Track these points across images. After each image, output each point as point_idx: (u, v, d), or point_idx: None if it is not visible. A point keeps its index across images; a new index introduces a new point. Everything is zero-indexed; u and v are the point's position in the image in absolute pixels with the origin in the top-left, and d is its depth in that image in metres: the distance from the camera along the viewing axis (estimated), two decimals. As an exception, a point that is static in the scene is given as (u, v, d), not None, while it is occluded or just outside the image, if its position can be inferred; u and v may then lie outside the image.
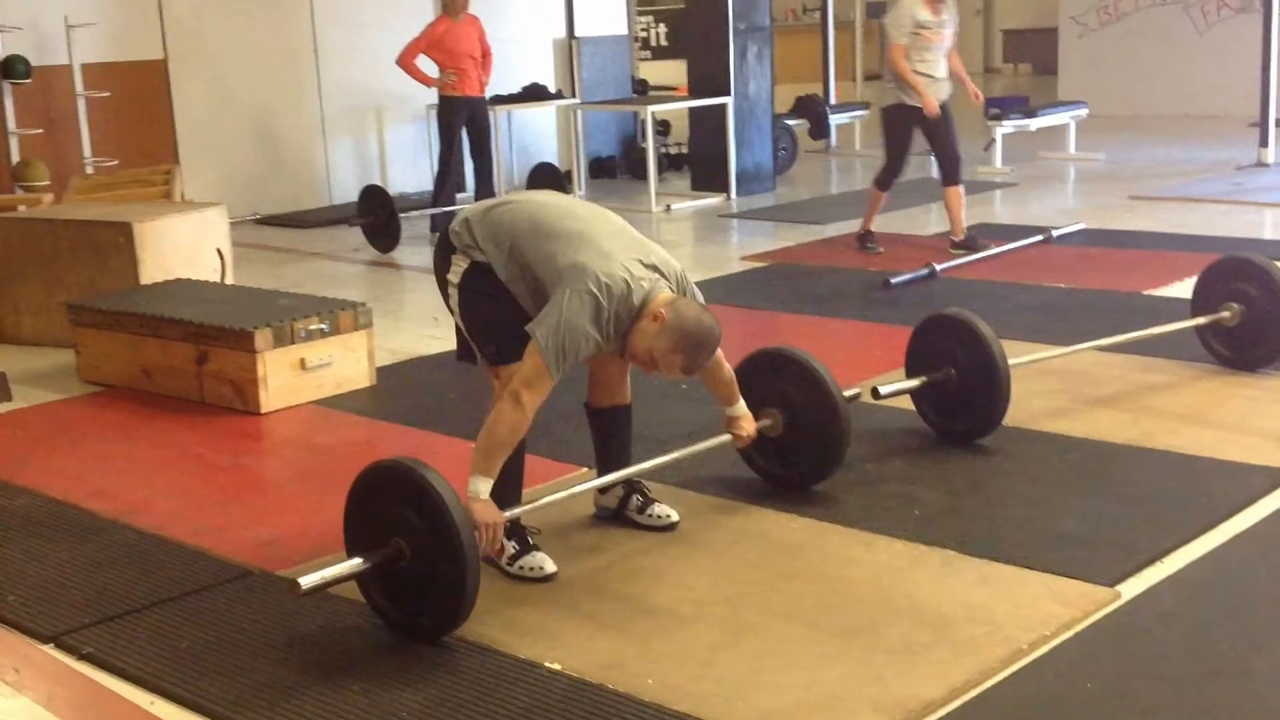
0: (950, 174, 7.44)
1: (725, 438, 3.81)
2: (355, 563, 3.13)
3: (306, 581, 3.04)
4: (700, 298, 3.51)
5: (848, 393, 4.00)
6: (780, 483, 3.98)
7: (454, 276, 3.51)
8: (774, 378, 3.93)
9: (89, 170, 8.67)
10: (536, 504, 3.50)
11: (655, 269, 3.39)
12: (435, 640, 3.14)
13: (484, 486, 3.25)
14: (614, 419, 3.78)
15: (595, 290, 3.25)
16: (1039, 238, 7.70)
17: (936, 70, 7.28)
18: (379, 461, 3.24)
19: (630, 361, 3.45)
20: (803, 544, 3.64)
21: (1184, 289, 5.41)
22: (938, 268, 6.97)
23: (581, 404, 3.84)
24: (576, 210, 3.56)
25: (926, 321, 4.46)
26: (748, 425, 3.76)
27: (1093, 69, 14.66)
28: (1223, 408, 4.60)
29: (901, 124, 7.37)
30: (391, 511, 3.13)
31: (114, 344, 5.47)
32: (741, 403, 3.76)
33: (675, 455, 3.80)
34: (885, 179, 7.57)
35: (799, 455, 3.93)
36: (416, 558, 3.08)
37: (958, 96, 7.52)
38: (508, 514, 3.37)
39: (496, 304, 3.45)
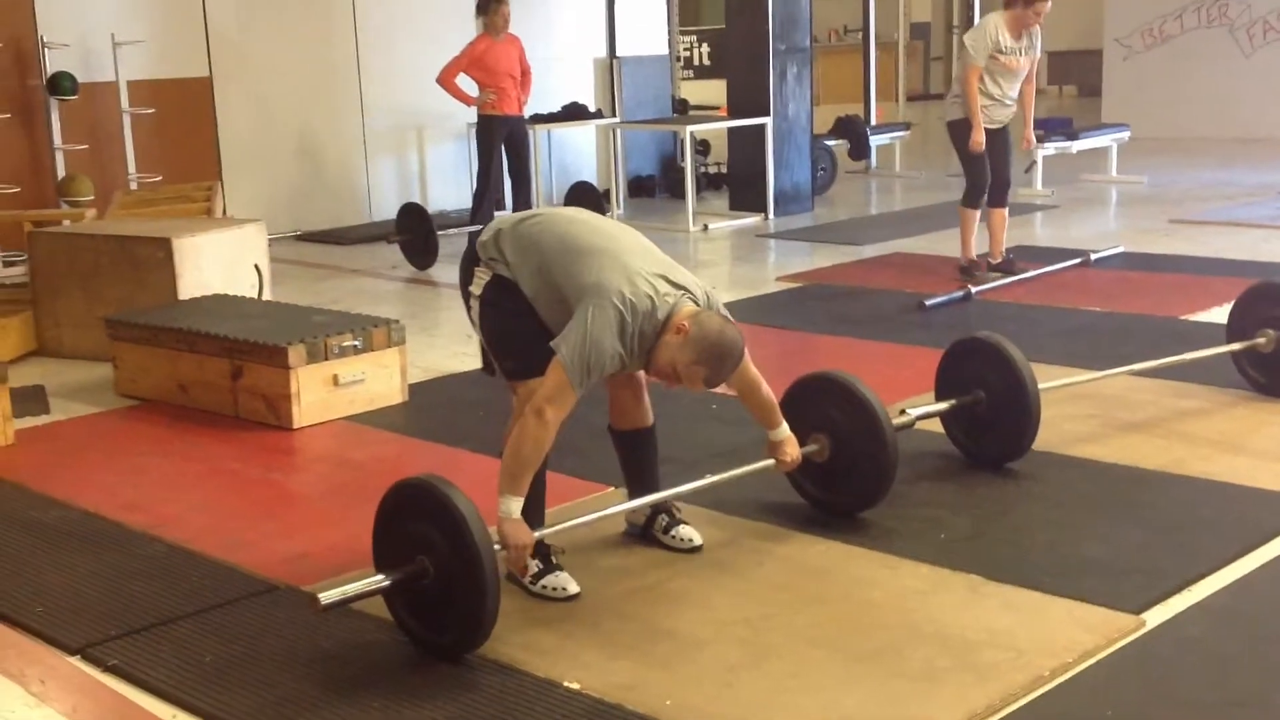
0: (997, 196, 7.38)
1: (769, 462, 3.77)
2: (377, 579, 3.15)
3: (326, 597, 3.06)
4: (727, 315, 3.51)
5: (896, 421, 3.97)
6: (826, 509, 3.94)
7: (476, 289, 3.53)
8: (821, 402, 3.90)
9: (133, 186, 8.78)
10: (565, 525, 3.51)
11: (681, 287, 3.39)
12: (456, 658, 3.15)
13: (515, 505, 3.26)
14: (636, 441, 3.78)
15: (620, 305, 3.25)
16: (1076, 261, 7.65)
17: (1007, 96, 7.18)
18: (406, 479, 3.25)
19: (654, 377, 3.44)
20: (827, 566, 3.63)
21: (1222, 314, 5.36)
22: (973, 290, 6.94)
23: (606, 422, 3.84)
24: (605, 228, 3.56)
25: (957, 344, 4.44)
26: (792, 450, 3.73)
27: (1137, 91, 14.58)
28: (1257, 434, 4.55)
29: (965, 136, 7.23)
30: (417, 529, 3.15)
31: (151, 358, 5.53)
32: (784, 426, 3.72)
33: (713, 479, 3.77)
34: (972, 196, 7.33)
35: (846, 481, 3.89)
36: (439, 576, 3.10)
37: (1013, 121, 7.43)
38: (549, 530, 3.38)
39: (518, 318, 3.45)
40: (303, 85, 10.04)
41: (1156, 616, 3.24)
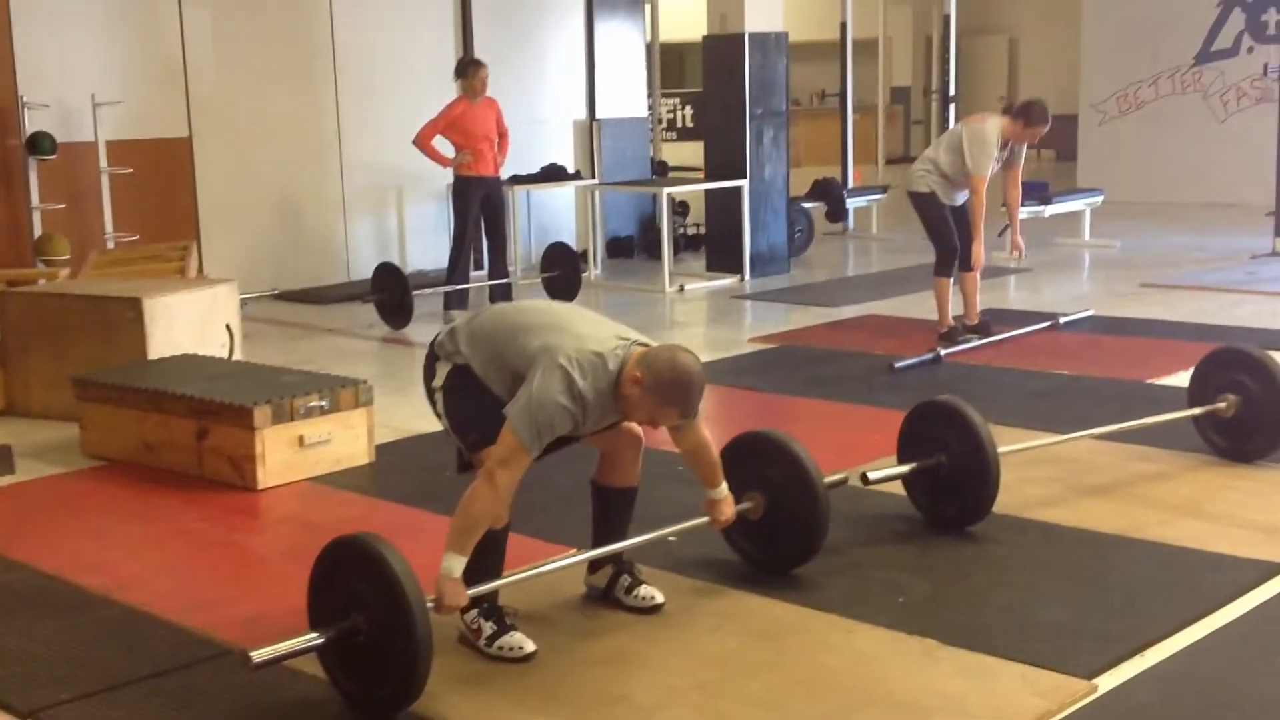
0: (968, 261, 7.43)
1: (703, 520, 3.82)
2: (310, 637, 3.17)
3: (258, 655, 3.07)
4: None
5: (832, 478, 4.01)
6: (760, 566, 3.99)
7: (438, 381, 3.60)
8: (757, 461, 3.95)
9: (109, 245, 8.81)
10: (513, 578, 3.51)
11: (630, 340, 3.46)
12: (390, 717, 3.14)
13: (456, 565, 3.28)
14: (620, 500, 3.81)
15: (565, 364, 3.32)
16: (1046, 324, 7.71)
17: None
18: (340, 537, 3.28)
19: (645, 425, 3.51)
20: (784, 629, 3.63)
21: (1187, 379, 5.40)
22: (942, 353, 6.99)
23: (571, 488, 3.86)
24: (555, 308, 3.69)
25: (919, 407, 4.47)
26: (727, 509, 3.78)
27: (1112, 156, 14.74)
28: (1216, 499, 4.58)
29: (936, 207, 7.32)
30: (351, 586, 3.17)
31: (117, 418, 5.53)
32: (724, 485, 3.77)
33: (651, 535, 3.81)
34: (943, 265, 7.37)
35: (779, 539, 3.94)
36: (372, 634, 3.12)
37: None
38: (486, 588, 3.40)
39: (477, 395, 3.52)
40: (283, 145, 10.11)
41: (1108, 682, 3.25)
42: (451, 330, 3.62)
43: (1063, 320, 7.79)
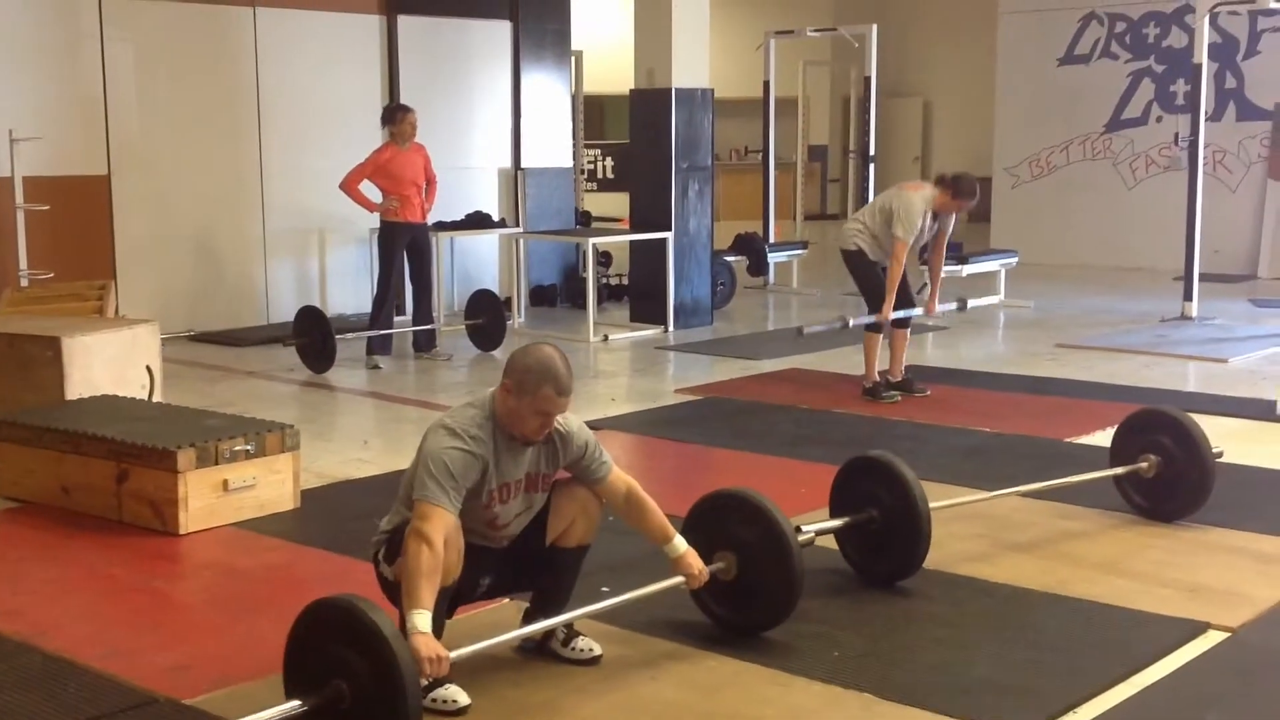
0: (900, 319, 7.56)
1: (677, 580, 3.75)
2: (293, 705, 3.03)
3: None
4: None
5: (804, 537, 3.99)
6: (733, 628, 3.92)
7: (382, 558, 3.63)
8: (726, 520, 3.91)
9: (24, 283, 8.63)
10: (468, 650, 3.41)
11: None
12: None
13: (420, 619, 3.24)
14: (573, 558, 3.78)
15: (442, 424, 3.48)
16: (954, 305, 8.32)
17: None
18: (322, 599, 3.16)
19: (530, 437, 3.51)
20: (720, 683, 3.63)
21: (1105, 438, 5.51)
22: (851, 321, 7.50)
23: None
24: None
25: (851, 462, 4.51)
26: (693, 560, 3.73)
27: (1025, 218, 15.06)
28: (1138, 558, 4.66)
29: (868, 265, 7.44)
30: (332, 651, 3.04)
31: (34, 460, 5.40)
32: (679, 539, 3.75)
33: (623, 598, 3.73)
34: (875, 323, 7.46)
35: (753, 599, 3.88)
36: (357, 700, 3.00)
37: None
38: (465, 650, 3.35)
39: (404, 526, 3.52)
40: (203, 186, 9.99)
41: (1043, 738, 3.28)
42: (379, 528, 3.69)
43: (969, 304, 8.49)
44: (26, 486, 5.44)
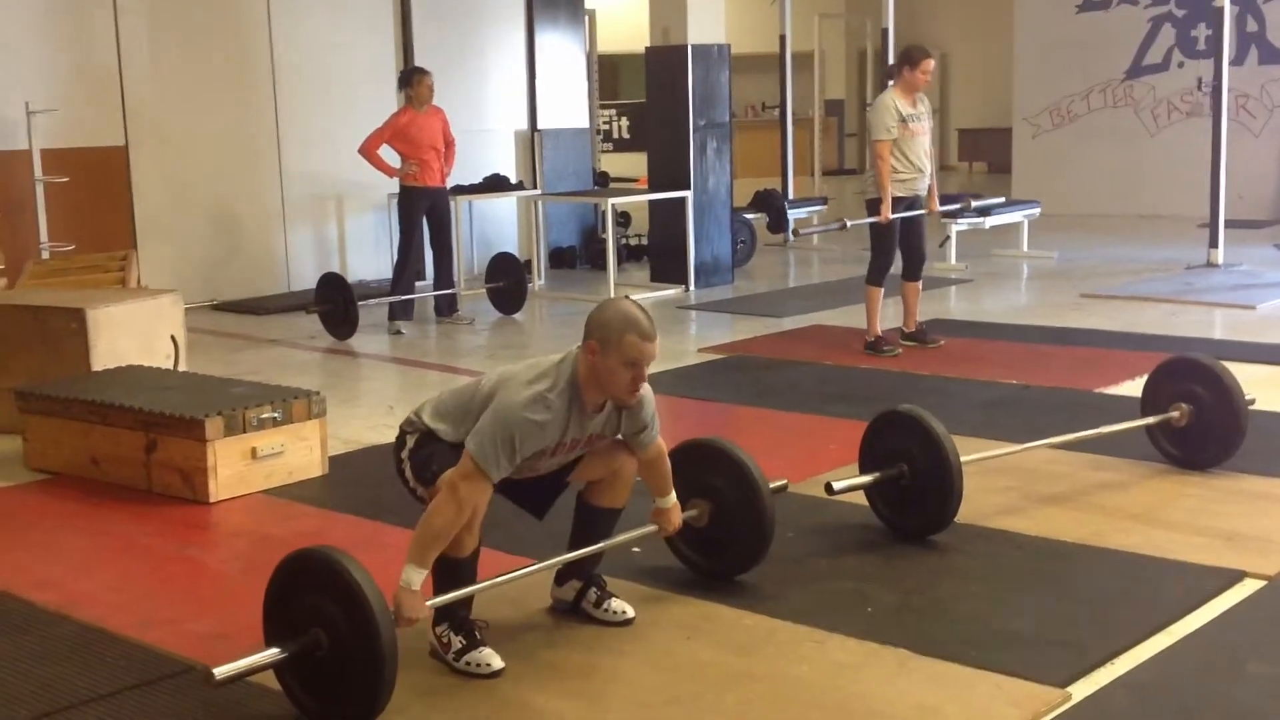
0: (911, 270, 7.50)
1: (651, 528, 3.82)
2: (272, 652, 3.11)
3: (221, 671, 3.01)
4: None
5: (776, 484, 3.99)
6: (705, 573, 4.00)
7: (407, 450, 3.59)
8: (701, 469, 3.95)
9: (45, 255, 8.63)
10: (474, 589, 3.45)
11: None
12: None
13: (416, 577, 3.24)
14: (605, 519, 3.77)
15: (524, 386, 3.36)
16: (957, 205, 8.69)
17: (921, 162, 7.28)
18: (298, 550, 3.22)
19: (624, 399, 3.43)
20: (756, 641, 3.61)
21: (1134, 388, 5.47)
22: (849, 223, 7.60)
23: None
24: (509, 367, 3.63)
25: (880, 417, 4.48)
26: (675, 516, 3.79)
27: (1046, 169, 14.94)
28: (1172, 507, 4.63)
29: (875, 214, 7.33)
30: (310, 601, 3.11)
31: (62, 431, 5.41)
32: (673, 494, 3.78)
33: (601, 545, 3.76)
34: (876, 274, 7.39)
35: (724, 546, 3.95)
36: (334, 648, 3.06)
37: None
38: (444, 598, 3.36)
39: (445, 446, 3.51)
40: (221, 154, 9.97)
41: (1081, 690, 3.26)
42: (417, 410, 3.63)
43: (974, 204, 8.79)
44: (56, 458, 5.46)
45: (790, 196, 13.13)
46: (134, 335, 6.17)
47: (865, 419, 4.58)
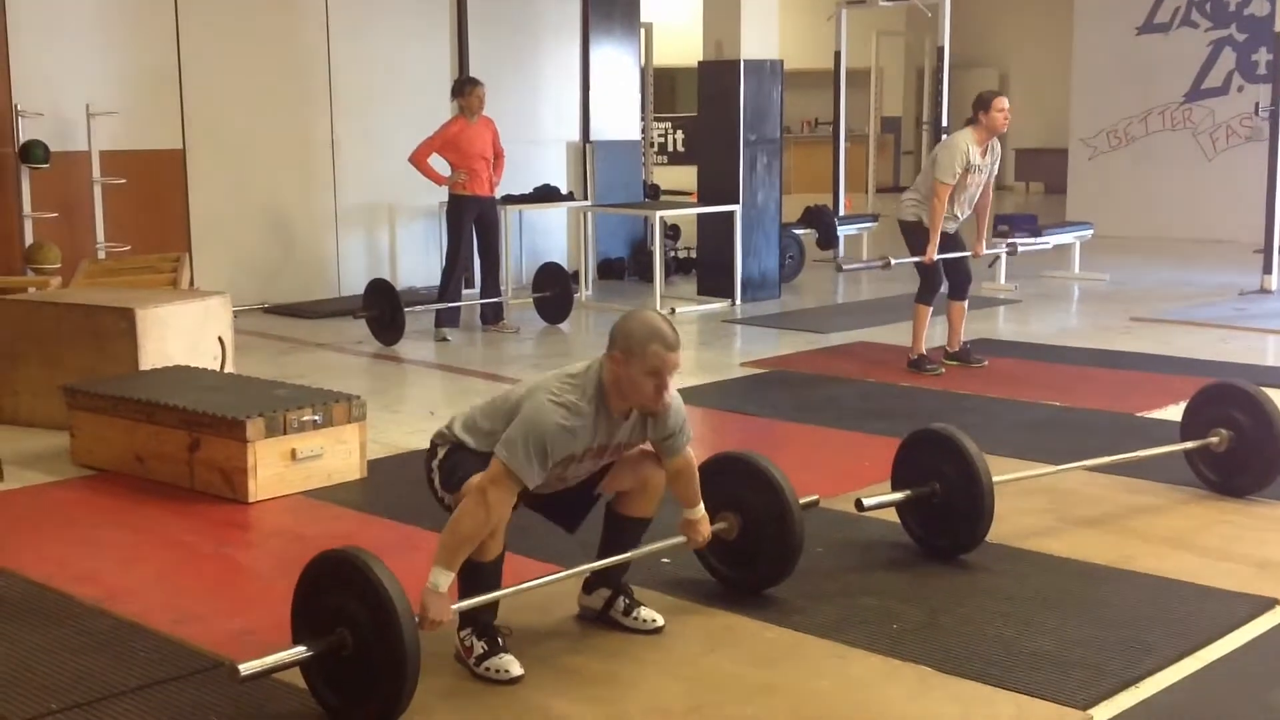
0: (957, 291, 7.48)
1: (680, 539, 3.84)
2: (298, 651, 3.17)
3: (246, 668, 3.07)
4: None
5: (806, 500, 4.01)
6: (732, 585, 4.02)
7: (436, 463, 3.65)
8: (732, 482, 3.97)
9: (100, 255, 8.79)
10: (498, 595, 3.48)
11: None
12: None
13: (443, 580, 3.29)
14: (633, 528, 3.80)
15: (551, 393, 3.40)
16: (1003, 248, 8.74)
17: (963, 211, 7.28)
18: (326, 551, 3.28)
19: (648, 407, 3.45)
20: (779, 654, 3.63)
21: (1177, 412, 5.42)
22: (893, 261, 7.44)
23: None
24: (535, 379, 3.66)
25: (913, 435, 4.48)
26: (704, 528, 3.81)
27: (1102, 190, 14.83)
28: (1207, 533, 4.59)
29: (924, 235, 7.28)
30: (336, 601, 3.17)
31: (109, 428, 5.51)
32: (701, 505, 3.79)
33: (629, 555, 3.78)
34: (925, 293, 7.40)
35: (753, 559, 3.96)
36: (359, 648, 3.12)
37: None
38: (470, 603, 3.40)
39: (474, 456, 3.54)
40: (276, 159, 10.11)
41: (1103, 713, 3.25)
42: (449, 423, 3.68)
43: (1020, 247, 8.81)
44: (101, 455, 5.56)
45: (841, 213, 13.10)
46: (182, 336, 6.27)
47: (902, 436, 4.57)
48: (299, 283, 10.21)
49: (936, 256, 7.21)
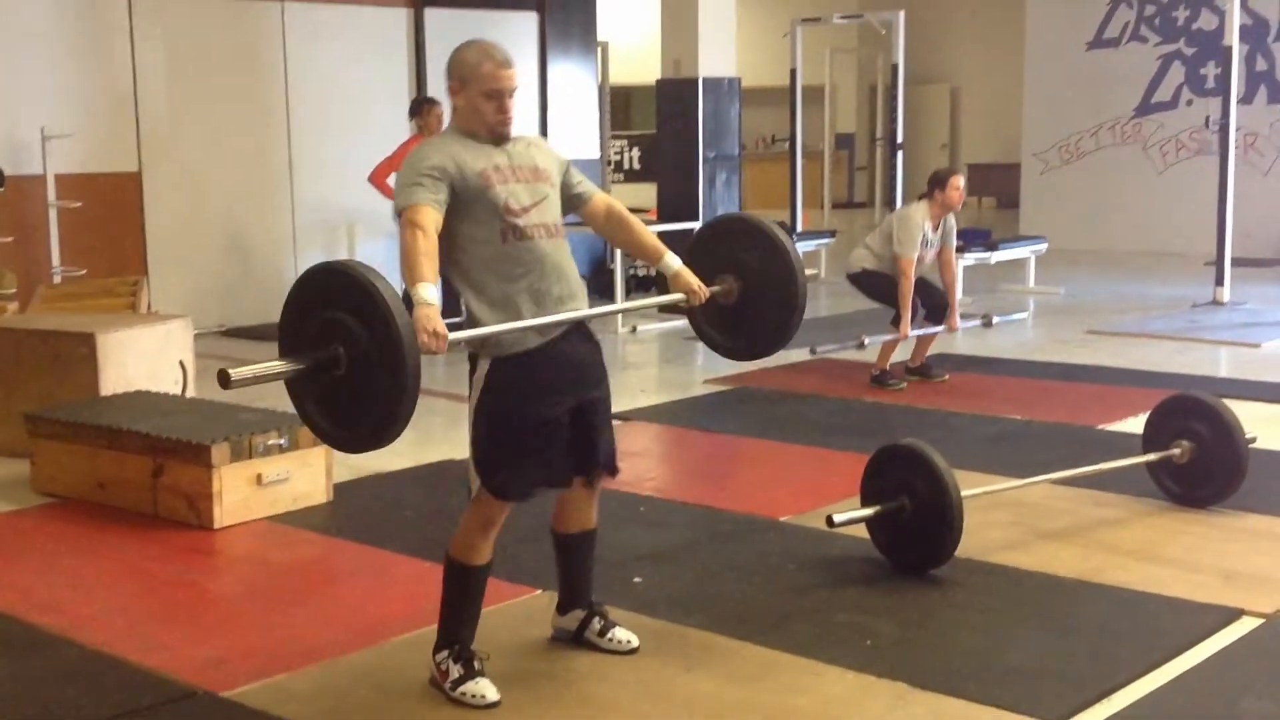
0: (935, 315, 7.55)
1: (678, 296, 3.68)
2: (290, 362, 3.02)
3: (236, 374, 2.94)
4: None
5: (811, 271, 3.92)
6: (729, 354, 3.93)
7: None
8: (730, 244, 3.80)
9: (56, 279, 8.70)
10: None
11: None
12: (371, 447, 3.12)
13: (426, 291, 3.16)
14: (580, 544, 3.78)
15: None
16: (978, 321, 8.24)
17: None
18: (321, 264, 3.15)
19: (500, 125, 3.44)
20: (755, 672, 3.63)
21: (1137, 424, 5.48)
22: (866, 340, 7.41)
23: (536, 526, 3.85)
24: None
25: (882, 451, 4.50)
26: (692, 280, 3.65)
27: (1054, 204, 14.98)
28: (1172, 544, 4.64)
29: (877, 278, 7.45)
30: (330, 316, 3.02)
31: (70, 455, 5.44)
32: (671, 254, 3.68)
33: (624, 305, 3.73)
34: (900, 320, 7.48)
35: (752, 325, 3.80)
36: (354, 366, 2.98)
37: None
38: (471, 333, 3.35)
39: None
40: (233, 180, 10.05)
41: (1078, 726, 3.27)
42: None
43: (995, 320, 8.24)
44: (63, 482, 5.49)
45: (799, 229, 13.16)
46: (143, 360, 6.21)
47: (868, 452, 4.60)
48: (258, 305, 10.12)
49: (911, 333, 7.37)
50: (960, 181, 7.31)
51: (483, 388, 3.48)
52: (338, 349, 2.99)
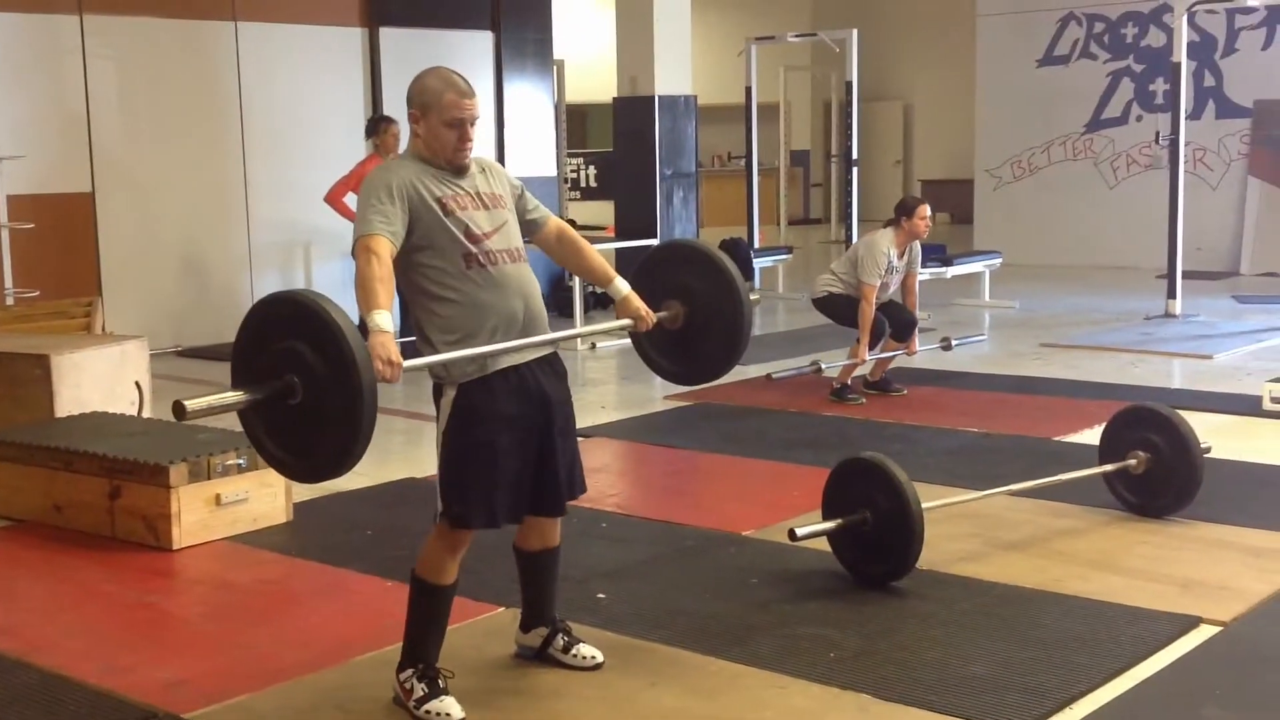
0: (900, 333, 7.61)
1: (625, 322, 3.69)
2: (244, 393, 2.99)
3: (192, 405, 2.88)
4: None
5: (755, 296, 3.91)
6: (673, 378, 3.99)
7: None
8: (676, 269, 3.83)
9: (9, 301, 8.61)
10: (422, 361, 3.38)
11: None
12: (317, 480, 3.18)
13: (381, 319, 3.16)
14: (544, 562, 3.78)
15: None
16: (938, 344, 8.19)
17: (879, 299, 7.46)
18: (275, 294, 3.13)
19: (459, 156, 3.44)
20: (720, 687, 3.64)
21: (1093, 436, 5.54)
22: (824, 365, 7.54)
23: (499, 543, 3.84)
24: None
25: (843, 465, 4.53)
26: (640, 305, 3.67)
27: (1008, 219, 15.12)
28: (1130, 554, 4.69)
29: (842, 302, 7.51)
30: (284, 347, 2.99)
31: (25, 478, 5.38)
32: (621, 280, 3.71)
33: (577, 331, 3.80)
34: (871, 341, 7.52)
35: (697, 349, 3.83)
36: (310, 394, 2.95)
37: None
38: (427, 359, 3.35)
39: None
40: (188, 200, 9.98)
41: (1040, 734, 3.30)
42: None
43: (954, 343, 8.21)
44: (18, 505, 5.43)
45: (756, 245, 13.22)
46: (98, 381, 6.16)
47: (829, 466, 4.62)
48: (213, 325, 10.05)
49: (869, 356, 7.45)
50: (927, 211, 7.40)
51: (449, 414, 3.47)
52: (293, 378, 2.96)
